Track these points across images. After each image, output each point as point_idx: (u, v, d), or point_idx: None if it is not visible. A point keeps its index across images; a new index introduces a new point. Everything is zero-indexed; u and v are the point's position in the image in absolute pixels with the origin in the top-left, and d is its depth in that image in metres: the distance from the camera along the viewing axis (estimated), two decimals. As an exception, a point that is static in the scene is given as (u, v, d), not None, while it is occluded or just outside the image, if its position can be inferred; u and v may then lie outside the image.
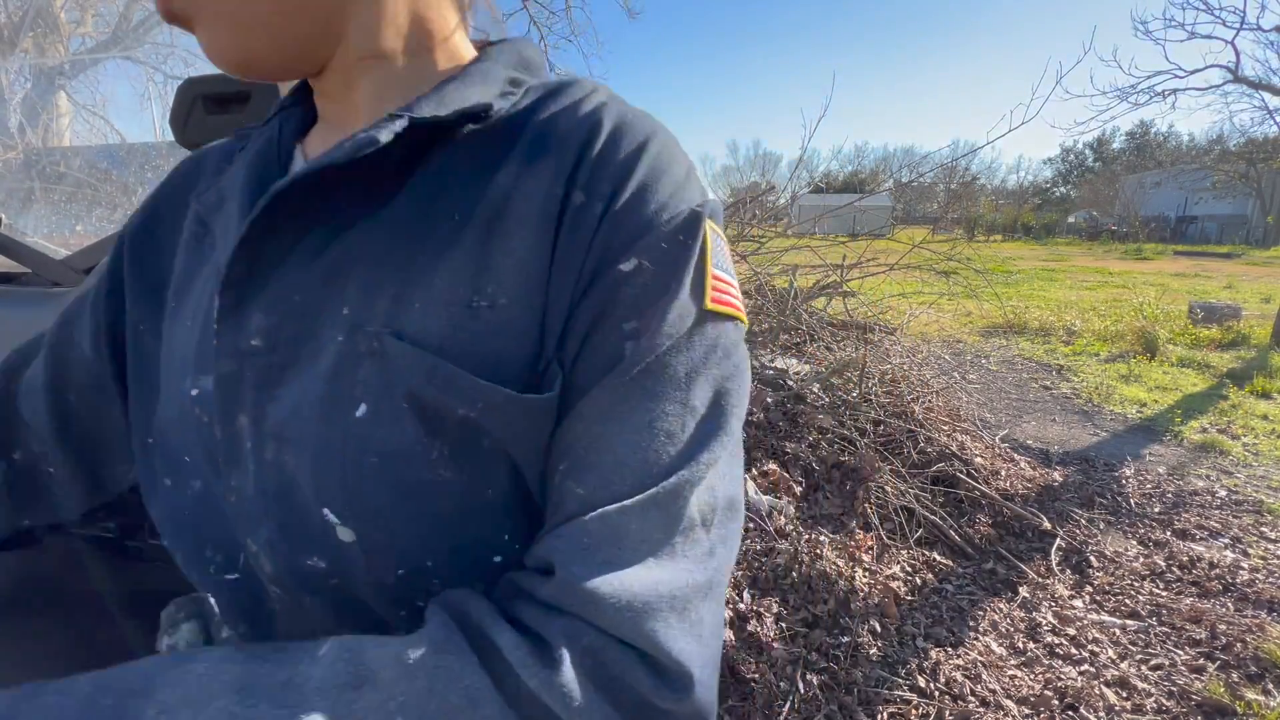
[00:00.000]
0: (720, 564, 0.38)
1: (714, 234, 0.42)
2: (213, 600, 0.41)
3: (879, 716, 1.88)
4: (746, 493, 2.59)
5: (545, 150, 0.41)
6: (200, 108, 1.14)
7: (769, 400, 3.35)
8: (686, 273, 0.39)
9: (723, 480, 0.39)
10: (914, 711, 1.90)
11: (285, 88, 0.67)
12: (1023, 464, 3.68)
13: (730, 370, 0.41)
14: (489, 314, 0.38)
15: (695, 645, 0.35)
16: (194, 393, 0.42)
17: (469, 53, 0.48)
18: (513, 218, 0.39)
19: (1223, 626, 2.31)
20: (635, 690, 0.33)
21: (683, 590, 0.35)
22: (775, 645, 2.04)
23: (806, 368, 3.95)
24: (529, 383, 0.38)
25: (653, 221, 0.39)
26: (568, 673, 0.32)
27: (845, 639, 2.10)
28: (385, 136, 0.37)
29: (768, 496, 2.64)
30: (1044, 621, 2.36)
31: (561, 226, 0.39)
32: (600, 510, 0.36)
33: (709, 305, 0.40)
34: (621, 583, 0.34)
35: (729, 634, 2.04)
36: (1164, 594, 2.56)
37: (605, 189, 0.39)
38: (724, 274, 0.42)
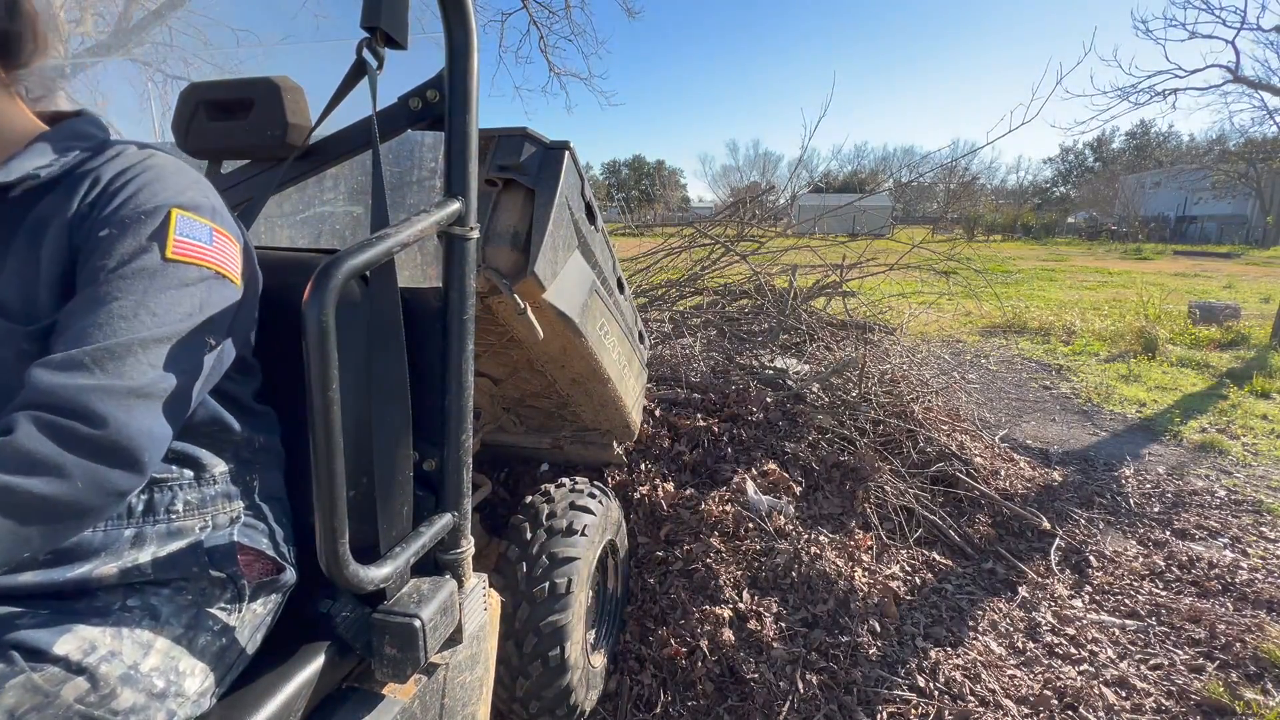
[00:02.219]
0: (128, 386, 0.66)
1: (183, 218, 0.74)
2: None
3: (878, 716, 1.88)
4: (747, 492, 2.59)
5: (77, 187, 0.74)
6: (202, 114, 1.13)
7: (769, 400, 3.35)
8: (145, 234, 0.71)
9: (151, 355, 0.68)
10: (913, 711, 1.90)
11: None
12: (1022, 464, 3.68)
13: (183, 296, 0.72)
14: (27, 293, 0.70)
15: (109, 405, 0.64)
16: None
17: (36, 129, 0.78)
18: (50, 228, 0.71)
19: (1222, 626, 2.31)
20: (73, 431, 0.62)
21: (100, 381, 0.64)
22: (775, 645, 2.04)
23: (806, 367, 3.95)
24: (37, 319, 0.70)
25: (121, 209, 0.71)
26: (22, 431, 0.60)
27: (845, 639, 2.11)
28: None
29: (768, 496, 2.65)
30: (1043, 621, 2.37)
31: (74, 226, 0.71)
32: (65, 352, 0.65)
33: (169, 255, 0.71)
34: (54, 378, 0.63)
35: (729, 634, 2.04)
36: (1163, 594, 2.56)
37: (99, 199, 0.72)
38: (191, 240, 0.74)
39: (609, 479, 2.63)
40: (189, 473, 0.82)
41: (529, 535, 1.80)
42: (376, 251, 0.79)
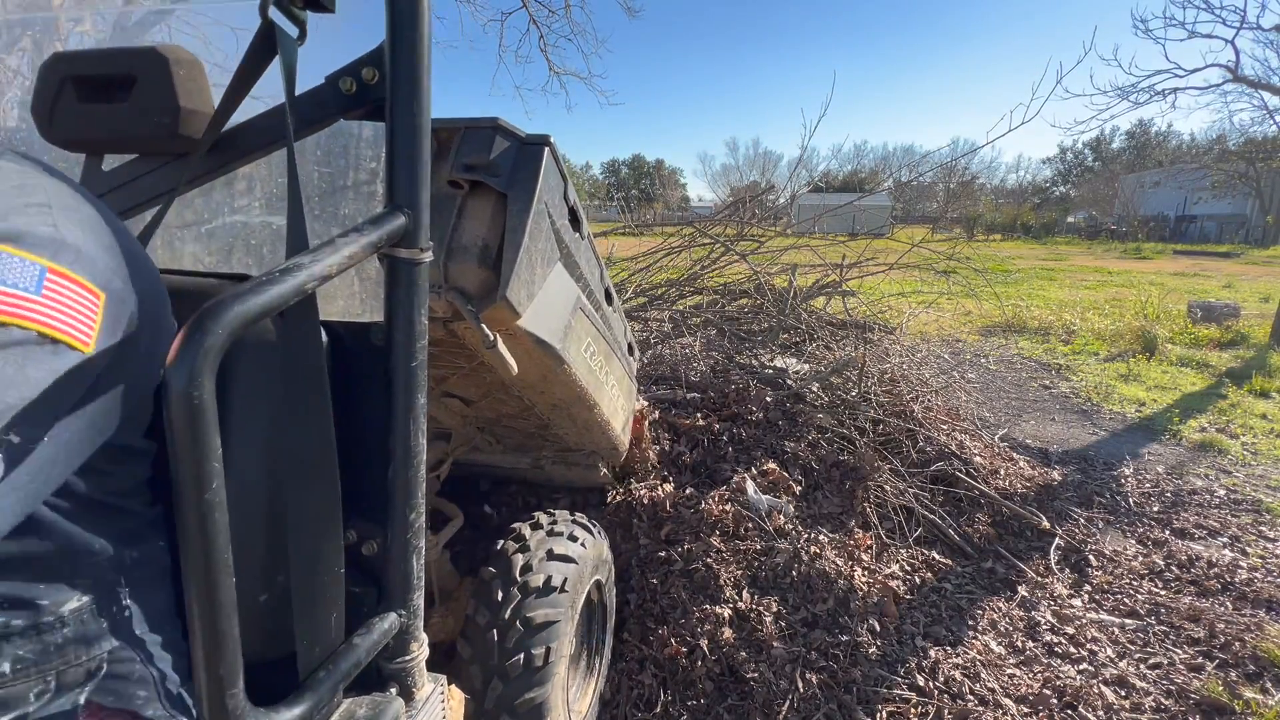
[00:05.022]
0: None
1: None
2: None
3: (878, 715, 1.88)
4: (746, 492, 2.59)
5: None
6: (71, 93, 0.84)
7: (768, 399, 3.35)
8: None
9: None
10: (913, 710, 1.90)
11: None
12: (1022, 463, 3.68)
13: None
14: None
15: None
16: None
17: None
18: None
19: (1221, 625, 2.32)
20: None
21: None
22: (775, 644, 2.04)
23: (806, 367, 3.95)
24: None
25: None
26: None
27: (844, 638, 2.11)
28: None
29: (767, 496, 2.65)
30: (1043, 620, 2.37)
31: None
32: None
33: None
34: None
35: (729, 633, 2.04)
36: (1162, 593, 2.57)
37: None
38: (3, 287, 0.50)
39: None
40: (20, 619, 0.58)
41: (499, 596, 1.53)
42: (282, 291, 0.58)
